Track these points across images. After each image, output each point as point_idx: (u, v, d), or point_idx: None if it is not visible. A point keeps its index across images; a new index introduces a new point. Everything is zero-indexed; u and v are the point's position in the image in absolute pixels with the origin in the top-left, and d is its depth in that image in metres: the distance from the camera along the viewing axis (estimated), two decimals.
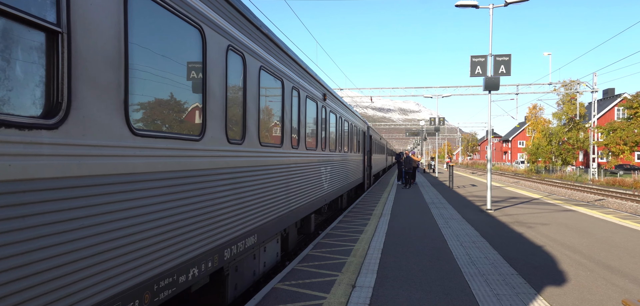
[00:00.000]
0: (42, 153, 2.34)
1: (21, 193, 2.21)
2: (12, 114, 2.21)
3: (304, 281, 5.65)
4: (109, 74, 2.88)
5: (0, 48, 2.18)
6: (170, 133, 3.69)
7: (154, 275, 3.40)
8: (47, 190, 2.37)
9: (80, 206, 2.61)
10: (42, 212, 2.35)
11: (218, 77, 4.51)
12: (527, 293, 5.21)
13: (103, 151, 2.81)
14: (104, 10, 2.82)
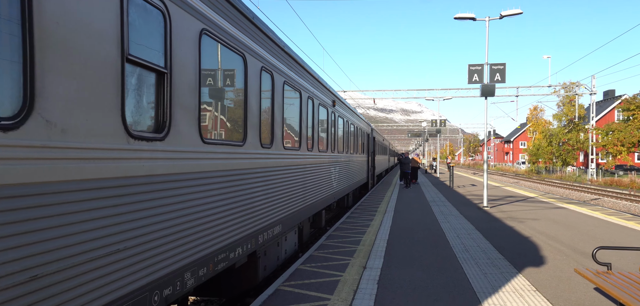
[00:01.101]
0: (158, 158, 3.37)
1: (149, 183, 3.25)
2: (143, 131, 3.25)
3: (322, 264, 6.68)
4: (190, 100, 3.92)
5: (135, 86, 3.23)
6: (225, 141, 4.73)
7: (215, 250, 4.43)
8: (162, 182, 3.41)
9: (179, 194, 3.66)
10: (161, 196, 3.39)
11: (254, 93, 5.54)
12: (510, 272, 6.23)
13: (188, 155, 3.85)
14: (188, 52, 3.86)
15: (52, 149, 2.37)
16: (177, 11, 3.65)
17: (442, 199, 17.17)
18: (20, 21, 2.20)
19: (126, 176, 3.01)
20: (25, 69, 2.22)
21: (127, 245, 3.02)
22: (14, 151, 2.15)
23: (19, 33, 2.20)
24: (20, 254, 2.19)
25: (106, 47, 2.81)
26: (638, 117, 36.92)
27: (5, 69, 2.20)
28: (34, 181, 2.26)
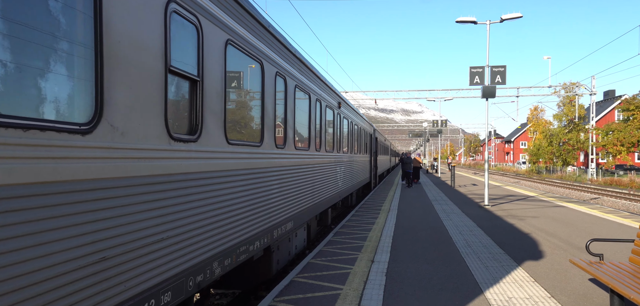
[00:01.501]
0: (192, 157, 3.76)
1: (185, 180, 3.63)
2: (180, 134, 3.63)
3: (332, 258, 7.05)
4: (218, 104, 4.30)
5: (174, 93, 3.61)
6: (246, 142, 5.11)
7: (237, 242, 4.81)
8: (195, 179, 3.79)
9: (209, 190, 4.04)
10: (195, 192, 3.77)
11: (270, 97, 5.92)
12: (510, 265, 6.60)
13: (216, 155, 4.23)
14: (216, 61, 4.24)
15: (116, 150, 2.76)
16: (207, 25, 4.03)
17: (444, 198, 17.54)
18: (93, 44, 2.58)
19: (168, 174, 3.39)
20: (96, 82, 2.60)
21: (170, 235, 3.40)
22: (89, 152, 2.53)
23: (92, 54, 2.58)
24: (94, 238, 2.57)
25: (154, 60, 3.19)
26: (637, 118, 37.25)
27: (83, 83, 2.58)
28: (103, 177, 2.64)
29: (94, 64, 2.60)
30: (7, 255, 2.04)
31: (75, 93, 2.56)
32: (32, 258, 2.17)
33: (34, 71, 2.30)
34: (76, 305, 2.45)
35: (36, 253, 2.19)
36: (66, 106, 2.51)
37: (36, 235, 2.19)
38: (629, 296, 3.82)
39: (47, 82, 2.38)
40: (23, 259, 2.11)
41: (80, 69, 2.57)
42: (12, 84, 2.17)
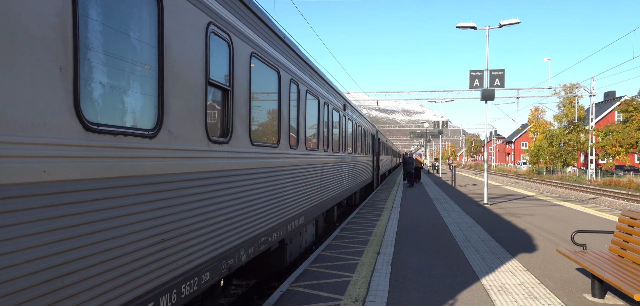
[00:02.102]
0: (224, 157, 4.32)
1: (215, 179, 4.20)
2: (216, 137, 4.20)
3: (341, 251, 7.62)
4: (244, 110, 4.87)
5: (211, 102, 4.17)
6: (265, 143, 5.67)
7: (259, 233, 5.37)
8: (227, 176, 4.36)
9: (237, 185, 4.61)
10: (227, 187, 4.34)
11: (285, 102, 6.49)
12: (505, 257, 7.16)
13: (243, 155, 4.80)
14: (243, 72, 4.81)
15: (171, 151, 3.33)
16: (237, 40, 4.60)
17: (445, 197, 18.09)
18: (157, 65, 3.16)
19: (207, 171, 3.96)
20: (159, 96, 3.17)
21: (208, 223, 3.97)
22: (153, 152, 3.10)
23: (156, 74, 3.16)
24: (156, 223, 3.14)
25: (198, 74, 3.76)
26: (636, 119, 37.73)
27: (150, 97, 3.15)
28: (162, 173, 3.21)
29: (157, 81, 3.17)
30: (115, 229, 2.63)
31: (145, 105, 3.13)
32: (126, 234, 2.76)
33: (119, 89, 2.88)
34: (145, 276, 3.02)
35: (126, 231, 2.78)
36: (139, 116, 3.09)
37: (124, 218, 2.77)
38: (606, 279, 4.37)
39: (128, 98, 2.96)
40: (123, 234, 2.72)
41: (149, 86, 3.14)
42: (106, 100, 2.74)
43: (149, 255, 3.05)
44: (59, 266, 2.27)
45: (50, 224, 2.21)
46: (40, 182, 2.14)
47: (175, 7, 3.38)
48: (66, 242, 2.31)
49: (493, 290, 5.36)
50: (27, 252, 2.08)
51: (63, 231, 2.29)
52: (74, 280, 2.38)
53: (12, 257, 2.00)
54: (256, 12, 5.19)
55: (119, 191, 2.72)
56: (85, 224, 2.45)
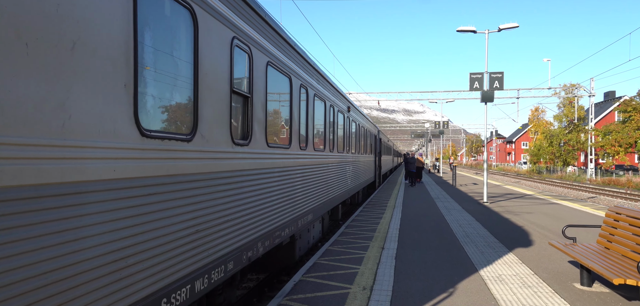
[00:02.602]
0: (245, 158, 4.77)
1: (238, 178, 4.65)
2: (238, 140, 4.65)
3: (347, 246, 8.06)
4: (261, 115, 5.32)
5: (234, 108, 4.63)
6: (279, 144, 6.12)
7: (274, 228, 5.82)
8: (247, 175, 4.81)
9: (256, 184, 5.06)
10: (247, 185, 4.79)
11: (296, 106, 6.94)
12: (502, 251, 7.60)
13: (261, 156, 5.25)
14: (260, 80, 5.26)
15: (203, 152, 3.77)
16: (256, 52, 5.05)
17: (446, 196, 18.53)
18: (193, 79, 3.61)
19: (231, 170, 4.41)
20: (194, 105, 3.63)
21: (233, 217, 4.42)
22: (189, 154, 3.55)
23: (192, 86, 3.61)
24: (193, 215, 3.59)
25: (224, 84, 4.21)
26: (635, 119, 38.11)
27: (188, 106, 3.60)
28: (196, 172, 3.66)
29: (193, 92, 3.62)
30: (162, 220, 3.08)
31: (184, 113, 3.58)
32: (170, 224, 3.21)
33: (164, 99, 3.33)
34: (185, 261, 3.47)
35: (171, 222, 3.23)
36: (180, 123, 3.54)
37: (169, 210, 3.22)
38: (591, 267, 4.81)
39: (171, 107, 3.41)
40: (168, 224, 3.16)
41: (186, 96, 3.59)
42: (155, 110, 3.20)
43: (187, 243, 3.50)
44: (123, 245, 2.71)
45: (118, 214, 2.66)
46: (111, 179, 2.59)
47: (207, 25, 3.84)
48: (128, 229, 2.76)
49: (490, 280, 5.81)
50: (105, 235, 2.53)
51: (127, 220, 2.74)
52: (137, 259, 2.83)
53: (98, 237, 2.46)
54: (272, 24, 5.64)
55: (164, 187, 3.17)
56: (141, 215, 2.90)
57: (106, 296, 2.57)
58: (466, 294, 5.23)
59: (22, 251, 2.02)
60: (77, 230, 2.35)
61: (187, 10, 3.53)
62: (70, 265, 2.30)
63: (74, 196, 2.32)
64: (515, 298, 5.06)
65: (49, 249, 2.17)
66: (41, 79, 2.12)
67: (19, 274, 2.00)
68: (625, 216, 5.36)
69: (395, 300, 5.01)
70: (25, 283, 2.03)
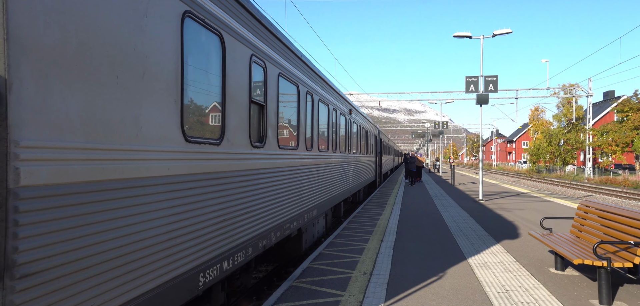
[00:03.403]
0: (261, 158, 5.51)
1: (255, 175, 5.38)
2: (255, 143, 5.38)
3: (349, 239, 8.79)
4: (274, 120, 6.05)
5: (252, 115, 5.36)
6: (288, 146, 6.85)
7: (284, 220, 6.55)
8: (262, 173, 5.55)
9: (269, 181, 5.79)
10: (262, 182, 5.52)
11: (303, 110, 7.67)
12: (491, 242, 8.32)
13: (273, 156, 5.98)
14: (273, 89, 5.99)
15: (229, 154, 4.51)
16: (269, 65, 5.79)
17: (444, 194, 19.24)
18: (221, 92, 4.34)
19: (250, 169, 5.15)
20: (222, 114, 4.36)
21: (252, 209, 5.16)
22: (219, 155, 4.28)
23: (222, 99, 4.35)
24: (221, 207, 4.33)
25: (244, 95, 4.95)
26: (631, 119, 38.74)
27: (216, 115, 4.34)
28: (223, 170, 4.39)
29: (221, 103, 4.36)
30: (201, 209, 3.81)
31: (214, 121, 4.32)
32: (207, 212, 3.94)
33: (201, 110, 4.07)
34: (216, 243, 4.20)
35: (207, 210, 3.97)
36: (211, 129, 4.28)
37: (205, 201, 3.96)
38: (561, 253, 5.53)
39: (205, 116, 4.15)
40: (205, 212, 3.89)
41: (216, 107, 4.33)
42: (194, 120, 3.94)
43: (217, 229, 4.24)
44: (173, 228, 3.45)
45: (170, 203, 3.40)
46: (166, 176, 3.33)
47: (232, 47, 4.57)
48: (176, 216, 3.49)
49: (476, 266, 6.53)
50: (161, 219, 3.27)
51: (176, 208, 3.48)
52: (183, 240, 3.57)
53: (162, 220, 3.20)
54: (283, 40, 6.38)
55: (200, 183, 3.91)
56: (185, 205, 3.63)
57: (163, 266, 3.31)
58: (454, 277, 5.96)
59: (118, 226, 2.76)
60: (144, 214, 3.08)
61: (217, 37, 4.27)
62: (142, 240, 3.04)
63: (142, 188, 3.05)
64: (496, 280, 5.78)
65: (131, 226, 2.91)
66: (124, 101, 2.86)
67: (117, 235, 2.74)
68: (594, 209, 6.07)
69: (391, 282, 5.74)
70: (119, 240, 2.76)
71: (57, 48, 2.30)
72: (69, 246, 2.37)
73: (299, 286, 5.64)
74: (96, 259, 2.60)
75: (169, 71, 3.38)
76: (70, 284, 2.38)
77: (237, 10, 4.72)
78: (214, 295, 4.90)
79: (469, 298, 5.08)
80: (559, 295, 5.15)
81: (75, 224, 2.42)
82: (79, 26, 2.45)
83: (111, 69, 2.72)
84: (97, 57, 2.61)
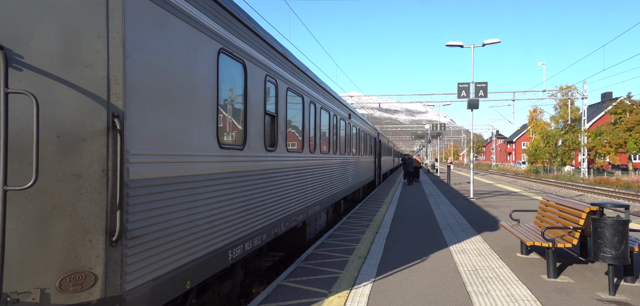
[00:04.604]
0: (273, 159, 6.64)
1: (268, 174, 6.51)
2: (269, 147, 6.52)
3: (348, 230, 9.92)
4: (283, 128, 7.18)
5: (266, 125, 6.50)
6: (294, 150, 7.98)
7: (292, 213, 7.68)
8: (274, 172, 6.68)
9: (279, 179, 6.93)
10: (274, 180, 6.66)
11: (307, 117, 8.80)
12: (472, 233, 9.44)
13: (282, 158, 7.11)
14: (283, 102, 7.13)
15: (249, 157, 5.65)
16: (280, 82, 6.93)
17: (439, 193, 20.35)
18: (244, 108, 5.49)
19: (265, 169, 6.28)
20: (244, 125, 5.50)
21: (266, 202, 6.29)
22: (243, 158, 5.42)
23: (244, 113, 5.49)
24: (243, 199, 5.47)
25: (260, 108, 6.09)
26: (624, 120, 39.76)
27: (240, 126, 5.48)
28: (245, 170, 5.53)
29: (244, 117, 5.50)
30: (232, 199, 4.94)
31: (239, 131, 5.46)
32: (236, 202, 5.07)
33: (230, 123, 5.21)
34: (242, 227, 5.34)
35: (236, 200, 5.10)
36: (237, 138, 5.42)
37: (234, 193, 5.09)
38: (522, 239, 6.64)
39: (232, 127, 5.29)
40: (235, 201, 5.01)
41: (241, 121, 5.47)
42: (225, 130, 5.08)
43: (241, 217, 5.38)
44: (213, 213, 4.58)
45: (209, 194, 4.54)
46: (206, 174, 4.46)
47: (252, 71, 5.71)
48: (214, 204, 4.63)
49: (455, 252, 7.66)
50: (204, 206, 4.40)
51: (214, 199, 4.61)
52: (219, 223, 4.70)
53: (205, 207, 4.33)
54: (291, 59, 7.52)
55: (229, 180, 5.04)
56: (219, 196, 4.77)
57: (207, 241, 4.44)
58: (435, 260, 7.08)
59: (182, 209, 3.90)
60: (195, 202, 4.22)
61: (241, 64, 5.41)
62: (195, 220, 4.18)
63: (192, 183, 4.19)
64: (469, 262, 6.91)
65: (189, 210, 4.05)
66: (183, 121, 3.99)
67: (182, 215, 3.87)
68: (553, 203, 7.19)
69: (382, 264, 6.87)
70: (183, 218, 3.89)
71: (148, 89, 3.44)
72: (155, 220, 3.51)
73: (305, 266, 6.77)
74: (171, 230, 3.74)
75: (209, 95, 4.52)
76: (156, 245, 3.53)
77: (255, 41, 5.87)
78: (236, 272, 6.05)
79: (444, 274, 6.20)
80: (517, 272, 6.28)
81: (158, 206, 3.56)
82: (158, 72, 3.59)
83: (176, 99, 3.86)
84: (168, 92, 3.75)
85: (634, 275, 5.76)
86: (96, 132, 2.99)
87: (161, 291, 3.62)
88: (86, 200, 2.95)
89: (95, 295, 2.97)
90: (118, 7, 3.07)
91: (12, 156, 2.73)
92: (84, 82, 2.94)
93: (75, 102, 2.91)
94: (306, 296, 5.31)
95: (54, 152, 2.84)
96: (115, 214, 3.04)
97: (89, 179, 2.96)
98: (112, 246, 3.05)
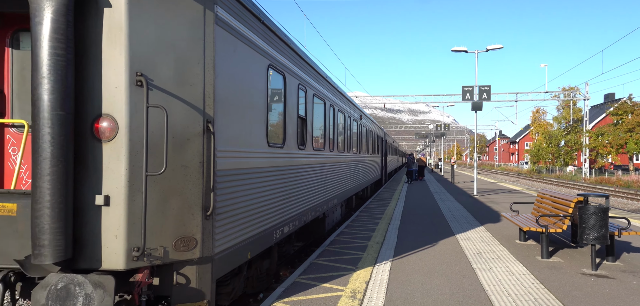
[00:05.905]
0: (303, 156, 7.64)
1: (300, 169, 7.53)
2: (300, 146, 7.53)
3: (362, 222, 10.93)
4: (310, 129, 8.19)
5: (299, 126, 7.51)
6: (318, 148, 8.99)
7: (315, 205, 8.69)
8: (304, 168, 7.71)
9: (306, 174, 7.94)
10: (303, 175, 7.68)
11: (328, 120, 9.80)
12: (476, 225, 10.43)
13: (309, 156, 8.11)
14: (310, 105, 8.14)
15: (287, 153, 6.66)
16: (308, 89, 7.94)
17: (443, 190, 21.32)
18: (284, 113, 6.50)
19: (297, 164, 7.30)
20: (283, 127, 6.52)
21: (297, 194, 7.29)
22: (283, 155, 6.43)
23: (283, 117, 6.51)
24: (283, 189, 6.48)
25: (295, 112, 7.10)
26: (625, 121, 40.55)
27: (280, 128, 6.50)
28: (284, 165, 6.54)
29: (283, 121, 6.51)
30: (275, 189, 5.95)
31: (280, 133, 6.48)
32: (278, 191, 6.08)
33: (274, 126, 6.23)
34: (281, 214, 6.34)
35: (278, 189, 6.11)
36: (278, 138, 6.43)
37: (277, 184, 6.10)
38: (522, 227, 7.62)
39: (276, 130, 6.31)
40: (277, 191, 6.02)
41: (281, 124, 6.49)
42: (271, 132, 6.10)
43: (282, 204, 6.39)
44: (264, 200, 5.59)
45: (260, 184, 5.55)
46: (258, 167, 5.47)
47: (290, 81, 6.72)
48: (265, 192, 5.64)
49: (461, 239, 8.65)
50: (257, 194, 5.42)
51: (263, 188, 5.63)
52: (268, 208, 5.71)
53: (259, 194, 5.35)
54: (316, 69, 8.54)
55: (274, 173, 6.05)
56: (267, 186, 5.78)
57: (260, 221, 5.45)
58: (443, 245, 8.08)
59: (246, 194, 4.91)
60: (252, 190, 5.23)
61: (281, 76, 6.43)
62: (253, 204, 5.19)
63: (251, 174, 5.20)
64: (474, 247, 7.90)
65: (250, 195, 5.06)
66: (246, 124, 5.01)
67: (247, 198, 4.88)
68: (548, 196, 8.17)
69: (397, 248, 7.87)
70: (247, 201, 4.91)
71: (228, 100, 4.46)
72: (231, 201, 4.53)
73: (330, 250, 7.79)
74: (239, 210, 4.77)
75: (262, 102, 5.54)
76: (232, 221, 4.55)
77: (291, 55, 6.88)
78: (273, 253, 7.07)
79: (452, 256, 7.20)
80: (516, 254, 7.27)
81: (232, 191, 4.58)
82: (233, 87, 4.61)
83: (242, 107, 4.88)
84: (238, 102, 4.77)
85: (614, 255, 6.76)
86: (196, 134, 4.01)
87: (235, 257, 4.64)
88: (190, 184, 3.97)
89: (196, 254, 3.99)
90: (211, 40, 4.09)
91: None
92: (189, 97, 3.96)
93: (184, 112, 3.93)
94: (337, 271, 6.32)
95: (171, 149, 3.86)
96: (209, 195, 4.06)
97: (192, 169, 3.98)
98: (207, 219, 4.07)
